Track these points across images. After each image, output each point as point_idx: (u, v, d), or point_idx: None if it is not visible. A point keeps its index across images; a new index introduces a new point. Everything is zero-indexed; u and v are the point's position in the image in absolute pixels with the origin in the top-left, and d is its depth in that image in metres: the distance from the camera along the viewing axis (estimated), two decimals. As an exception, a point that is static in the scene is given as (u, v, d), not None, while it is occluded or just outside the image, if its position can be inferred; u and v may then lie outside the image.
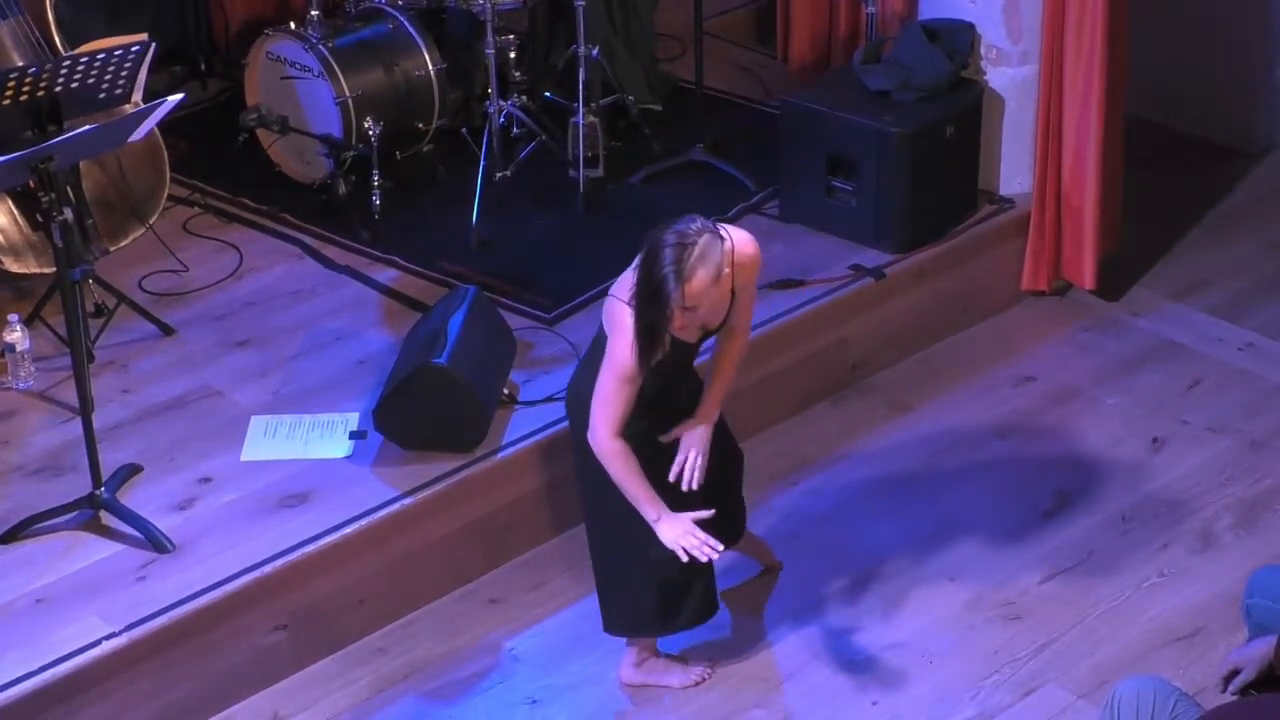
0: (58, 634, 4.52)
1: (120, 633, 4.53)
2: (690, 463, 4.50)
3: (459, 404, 5.03)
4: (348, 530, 4.87)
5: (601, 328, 4.44)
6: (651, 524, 4.41)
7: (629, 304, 4.28)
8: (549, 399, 5.28)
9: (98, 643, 4.49)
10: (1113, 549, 5.19)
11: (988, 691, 4.71)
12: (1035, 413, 5.78)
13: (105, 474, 4.86)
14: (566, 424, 4.71)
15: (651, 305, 4.22)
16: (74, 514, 4.85)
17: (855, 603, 5.01)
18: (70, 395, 5.07)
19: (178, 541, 4.81)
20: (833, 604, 5.01)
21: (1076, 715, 4.59)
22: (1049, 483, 5.45)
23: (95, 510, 4.85)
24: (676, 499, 4.47)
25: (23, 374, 5.43)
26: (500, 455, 5.11)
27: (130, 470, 5.04)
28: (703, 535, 4.38)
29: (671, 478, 4.49)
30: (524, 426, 5.20)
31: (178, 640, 4.59)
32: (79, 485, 4.90)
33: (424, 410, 5.03)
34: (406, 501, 4.96)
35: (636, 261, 4.28)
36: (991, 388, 5.89)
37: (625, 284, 4.34)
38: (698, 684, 4.75)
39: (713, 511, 4.45)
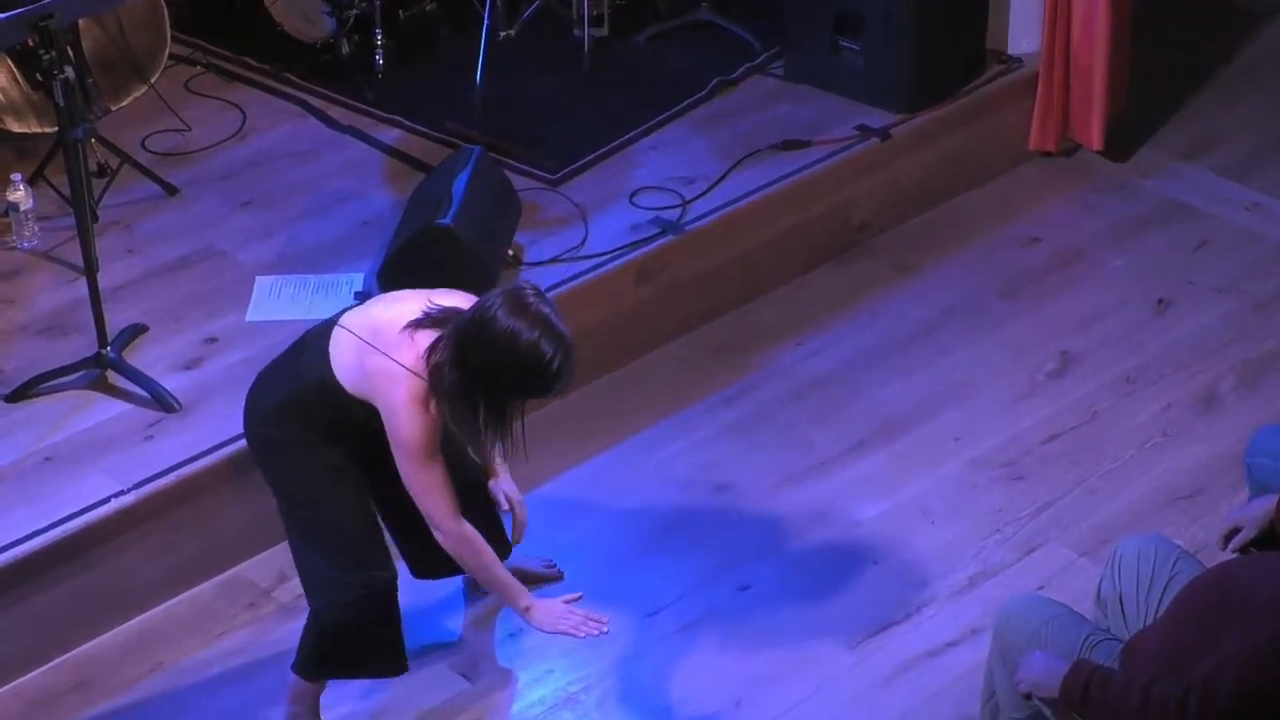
0: (67, 491, 4.54)
1: (129, 491, 4.55)
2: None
3: (463, 264, 5.01)
4: (353, 390, 4.87)
5: (310, 351, 3.94)
6: (521, 613, 4.05)
7: (423, 377, 3.79)
8: (554, 260, 5.28)
9: (107, 500, 4.52)
10: (1116, 409, 5.21)
11: (989, 550, 4.75)
12: (1041, 274, 5.77)
13: (111, 334, 4.86)
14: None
15: (525, 381, 3.75)
16: (81, 373, 4.86)
17: (858, 463, 5.04)
18: (74, 255, 5.06)
19: (184, 401, 4.82)
20: (835, 464, 5.03)
21: (1078, 573, 4.63)
22: (1053, 343, 5.45)
23: (102, 370, 4.86)
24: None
25: (27, 233, 5.42)
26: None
27: (136, 330, 5.05)
28: (582, 612, 4.09)
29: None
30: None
31: (186, 499, 4.61)
32: (85, 345, 4.91)
33: (428, 271, 5.00)
34: (412, 361, 4.96)
35: (417, 321, 3.84)
36: (997, 249, 5.88)
37: (394, 344, 3.82)
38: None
39: (580, 595, 4.12)
